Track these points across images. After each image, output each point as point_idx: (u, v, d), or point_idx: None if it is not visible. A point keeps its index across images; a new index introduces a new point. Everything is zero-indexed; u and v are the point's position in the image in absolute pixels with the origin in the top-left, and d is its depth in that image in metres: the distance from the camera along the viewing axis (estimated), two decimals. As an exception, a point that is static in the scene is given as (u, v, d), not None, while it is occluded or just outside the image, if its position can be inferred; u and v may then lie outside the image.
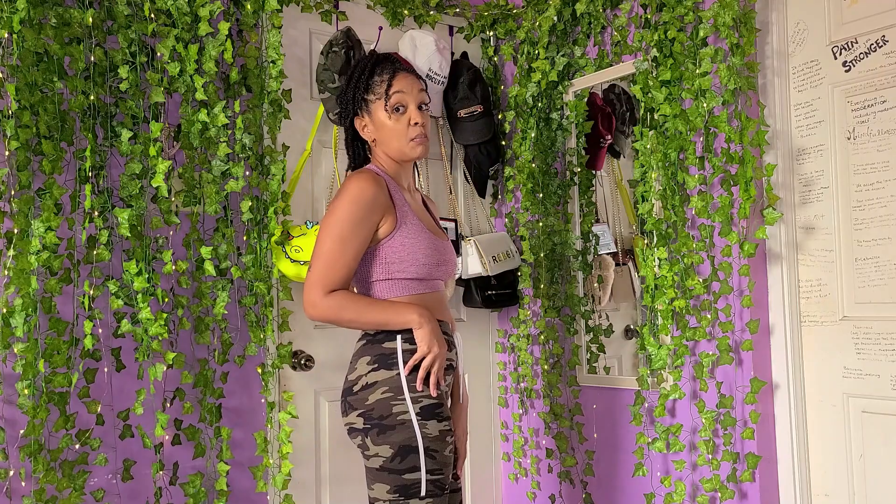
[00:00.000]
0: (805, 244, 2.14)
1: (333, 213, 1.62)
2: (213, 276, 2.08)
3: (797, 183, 2.16)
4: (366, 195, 1.62)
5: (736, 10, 2.04)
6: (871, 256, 2.01)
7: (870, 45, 2.01)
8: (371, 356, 1.65)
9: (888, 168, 1.98)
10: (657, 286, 2.19)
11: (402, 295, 1.68)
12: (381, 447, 1.59)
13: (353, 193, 1.62)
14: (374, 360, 1.64)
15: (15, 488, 1.85)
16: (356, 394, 1.64)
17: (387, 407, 1.60)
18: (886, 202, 1.98)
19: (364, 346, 1.68)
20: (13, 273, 1.80)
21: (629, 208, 2.59)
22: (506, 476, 2.80)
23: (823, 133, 2.10)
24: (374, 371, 1.63)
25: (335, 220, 1.61)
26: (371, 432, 1.60)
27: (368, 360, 1.65)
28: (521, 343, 2.64)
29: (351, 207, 1.61)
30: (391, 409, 1.60)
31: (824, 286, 2.10)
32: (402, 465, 1.58)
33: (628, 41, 2.40)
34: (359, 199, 1.61)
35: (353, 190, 1.62)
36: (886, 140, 1.98)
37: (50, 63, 1.87)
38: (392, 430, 1.59)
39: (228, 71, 2.13)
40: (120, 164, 2.02)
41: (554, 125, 2.62)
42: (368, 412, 1.61)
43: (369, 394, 1.62)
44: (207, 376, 2.05)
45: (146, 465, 2.04)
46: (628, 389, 2.40)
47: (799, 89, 2.15)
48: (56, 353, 1.85)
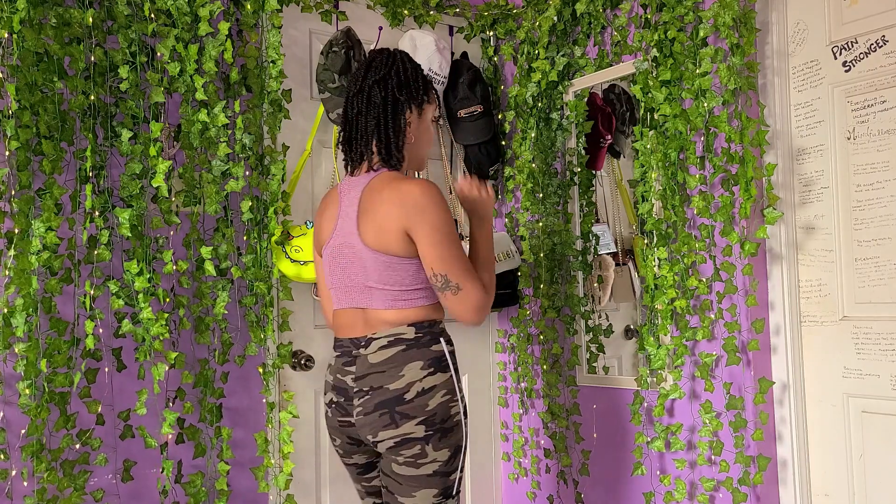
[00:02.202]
0: (805, 244, 2.14)
1: (437, 227, 1.60)
2: (214, 276, 2.08)
3: (797, 183, 2.16)
4: (443, 196, 1.65)
5: (736, 10, 2.04)
6: (871, 256, 2.01)
7: (870, 45, 2.01)
8: (423, 360, 1.62)
9: (888, 168, 1.98)
10: (657, 286, 2.19)
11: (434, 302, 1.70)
12: (441, 451, 1.59)
13: (440, 199, 1.62)
14: (427, 364, 1.62)
15: (17, 488, 1.85)
16: (410, 402, 1.59)
17: (446, 410, 1.61)
18: (886, 202, 1.98)
19: (405, 352, 1.63)
20: (14, 273, 1.80)
21: (629, 208, 2.59)
22: (506, 476, 2.80)
23: (823, 133, 2.10)
24: (431, 375, 1.61)
25: (446, 230, 1.61)
26: (433, 438, 1.59)
27: (422, 364, 1.62)
28: (520, 343, 2.64)
29: (447, 214, 1.63)
30: (450, 412, 1.61)
31: (824, 286, 2.10)
32: (452, 466, 1.61)
33: (628, 41, 2.40)
34: (445, 204, 1.64)
35: (437, 197, 1.62)
36: (886, 140, 1.99)
37: (50, 63, 1.87)
38: (451, 433, 1.61)
39: (228, 71, 2.13)
40: (120, 164, 2.02)
41: (554, 125, 2.62)
42: (430, 418, 1.59)
43: (428, 399, 1.59)
44: (208, 376, 2.05)
45: (146, 465, 2.04)
46: (628, 389, 2.40)
47: (799, 89, 2.16)
48: (57, 353, 1.85)
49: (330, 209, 1.78)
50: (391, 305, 1.65)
